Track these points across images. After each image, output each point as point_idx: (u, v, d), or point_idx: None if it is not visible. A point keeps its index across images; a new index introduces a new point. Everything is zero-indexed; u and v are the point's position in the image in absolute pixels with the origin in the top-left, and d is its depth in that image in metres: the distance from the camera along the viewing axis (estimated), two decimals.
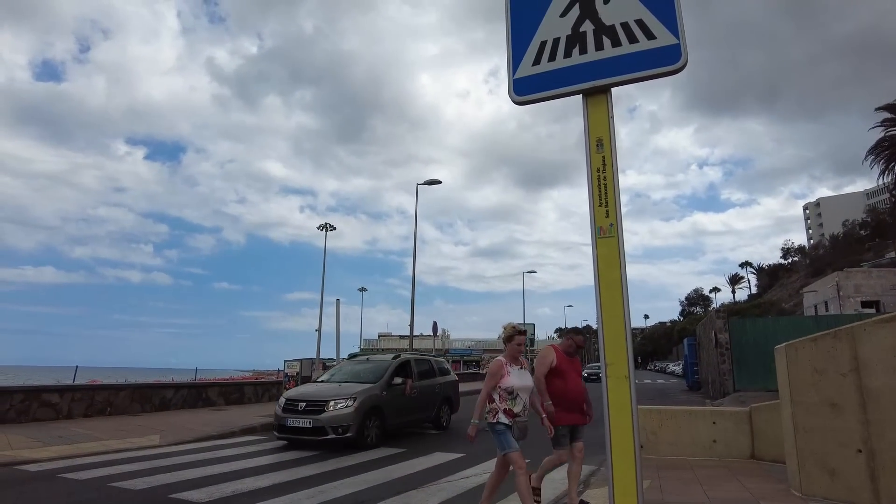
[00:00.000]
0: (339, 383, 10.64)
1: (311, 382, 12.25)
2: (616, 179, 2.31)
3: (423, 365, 12.30)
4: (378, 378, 10.58)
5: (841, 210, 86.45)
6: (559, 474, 7.44)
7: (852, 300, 35.48)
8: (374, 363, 11.56)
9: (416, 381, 11.35)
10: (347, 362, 11.94)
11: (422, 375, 11.78)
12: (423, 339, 49.90)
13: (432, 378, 12.22)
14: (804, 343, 6.03)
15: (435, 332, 26.53)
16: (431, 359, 13.23)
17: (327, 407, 9.50)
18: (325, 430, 9.29)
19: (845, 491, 5.35)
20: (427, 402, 11.69)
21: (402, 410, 10.77)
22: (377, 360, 11.71)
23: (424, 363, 12.43)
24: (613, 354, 2.15)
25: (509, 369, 4.83)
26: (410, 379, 11.13)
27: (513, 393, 4.74)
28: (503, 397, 4.75)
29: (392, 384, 10.61)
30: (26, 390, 12.05)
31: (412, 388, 11.05)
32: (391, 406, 10.37)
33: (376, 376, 10.68)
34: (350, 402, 9.55)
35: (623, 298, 2.18)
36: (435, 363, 12.97)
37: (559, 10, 2.60)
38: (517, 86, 2.62)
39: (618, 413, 2.12)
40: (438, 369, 12.80)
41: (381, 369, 10.93)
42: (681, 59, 2.35)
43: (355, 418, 9.42)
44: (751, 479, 6.83)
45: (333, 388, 10.24)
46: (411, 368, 11.50)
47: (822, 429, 5.65)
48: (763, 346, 16.55)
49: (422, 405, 11.52)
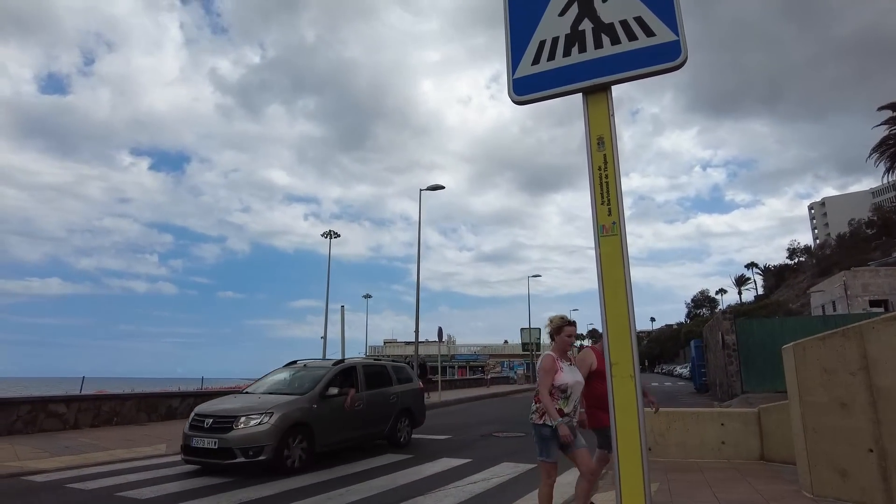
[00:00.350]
0: (260, 395, 9.08)
1: (238, 393, 10.50)
2: (618, 177, 2.30)
3: (375, 372, 10.72)
4: (309, 388, 9.00)
5: (846, 209, 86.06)
6: (567, 478, 7.39)
7: (860, 299, 35.24)
8: (310, 370, 9.86)
9: (363, 390, 9.85)
10: (281, 370, 10.28)
11: (373, 384, 10.25)
12: (428, 344, 49.86)
13: (387, 386, 10.65)
14: (812, 342, 5.97)
15: (440, 338, 26.46)
16: (388, 364, 11.48)
17: (237, 424, 7.89)
18: (233, 453, 7.68)
19: (857, 492, 5.28)
20: (378, 415, 10.12)
21: (340, 426, 9.15)
22: (315, 367, 10.02)
23: (377, 369, 10.85)
24: (618, 354, 2.13)
25: (562, 364, 4.46)
26: (354, 389, 9.57)
27: (567, 391, 4.39)
28: (555, 396, 4.39)
29: (327, 395, 8.99)
30: (33, 401, 12.08)
31: (355, 400, 9.47)
32: (324, 421, 8.76)
33: (307, 386, 9.10)
34: (265, 417, 7.96)
35: (627, 297, 2.16)
36: (393, 369, 11.25)
37: (558, 9, 2.59)
38: (517, 85, 2.60)
39: (623, 414, 2.09)
40: (397, 376, 11.13)
41: (315, 378, 9.29)
42: (680, 55, 2.33)
43: (272, 437, 7.82)
44: (761, 481, 6.76)
45: (251, 400, 8.70)
46: (357, 376, 9.93)
47: (833, 429, 5.58)
48: (770, 347, 16.43)
49: (370, 419, 9.90)
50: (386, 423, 10.31)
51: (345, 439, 9.33)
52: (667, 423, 8.70)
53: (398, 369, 11.44)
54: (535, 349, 55.40)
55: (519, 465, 8.37)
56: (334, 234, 43.69)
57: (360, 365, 10.32)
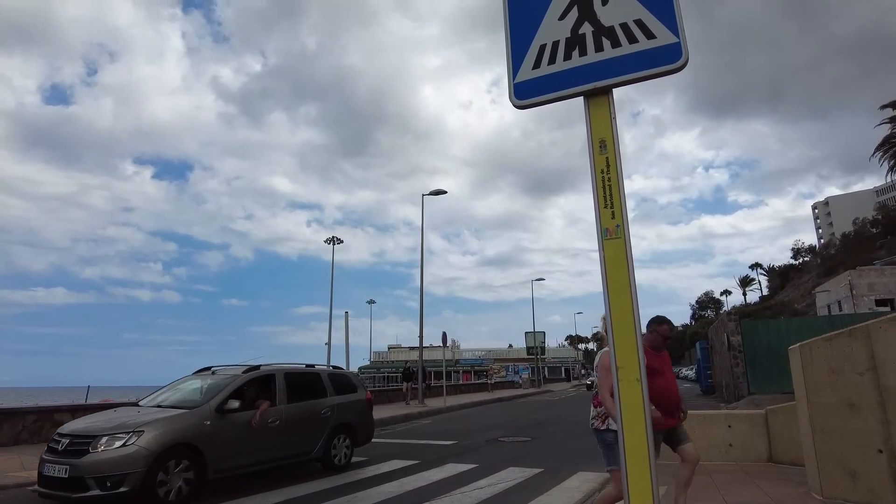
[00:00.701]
0: (141, 409, 7.57)
1: (127, 406, 8.92)
2: (621, 180, 2.29)
3: (303, 381, 9.00)
4: (202, 401, 7.37)
5: (850, 208, 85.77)
6: (575, 482, 7.36)
7: (866, 299, 35.06)
8: (219, 377, 8.15)
9: (283, 402, 8.21)
10: (188, 378, 8.65)
11: (298, 395, 8.59)
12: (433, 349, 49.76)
13: (318, 398, 8.95)
14: (819, 343, 5.94)
15: (445, 343, 26.43)
16: (324, 372, 9.63)
17: (95, 446, 6.31)
18: (85, 483, 6.11)
19: (867, 493, 5.24)
20: (304, 433, 8.43)
21: (246, 447, 7.49)
22: (223, 374, 8.31)
23: (306, 378, 9.12)
24: (624, 357, 2.11)
25: None
26: (269, 401, 7.96)
27: None
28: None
29: (226, 409, 7.30)
30: (39, 411, 12.10)
31: (268, 415, 7.83)
32: (221, 442, 7.13)
33: (199, 399, 7.52)
34: (132, 437, 6.37)
35: (632, 300, 2.15)
36: (328, 377, 9.45)
37: (557, 13, 2.58)
38: (518, 90, 2.60)
39: (630, 416, 2.07)
40: (334, 386, 9.38)
41: (215, 389, 7.69)
42: (681, 57, 2.32)
43: (138, 462, 6.24)
44: (769, 483, 6.71)
45: (126, 416, 7.12)
46: (275, 386, 8.28)
47: (841, 430, 5.54)
48: (776, 348, 16.35)
49: (292, 437, 8.18)
50: (315, 441, 8.57)
51: (253, 463, 7.62)
52: None
53: (338, 378, 9.75)
54: (541, 353, 55.28)
55: (525, 469, 8.34)
56: (337, 240, 43.69)
57: (282, 372, 8.58)
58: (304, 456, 8.44)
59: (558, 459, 9.36)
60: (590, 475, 7.74)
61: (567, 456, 9.67)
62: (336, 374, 9.92)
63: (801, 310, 51.66)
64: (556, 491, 6.92)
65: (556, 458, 9.47)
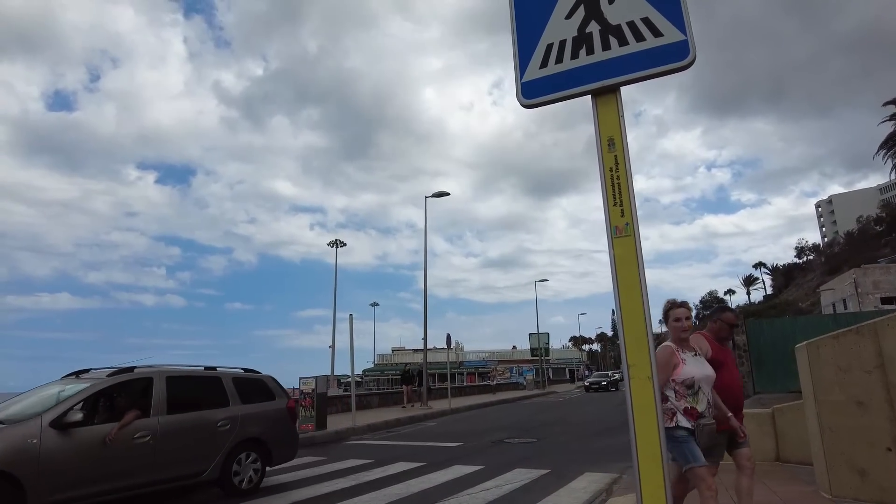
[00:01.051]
0: None
1: None
2: (630, 178, 2.29)
3: (193, 386, 7.51)
4: (33, 414, 5.90)
5: (854, 206, 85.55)
6: (582, 483, 7.34)
7: (871, 297, 34.97)
8: (77, 384, 6.56)
9: (163, 413, 6.69)
10: (50, 385, 6.97)
11: (185, 404, 7.08)
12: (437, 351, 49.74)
13: (215, 407, 7.34)
14: (826, 341, 5.92)
15: (448, 345, 26.41)
16: (226, 375, 7.84)
17: None
18: None
19: (877, 491, 5.21)
20: (190, 451, 6.87)
21: (99, 471, 5.97)
22: (87, 380, 6.71)
23: (197, 383, 7.58)
24: (635, 356, 2.11)
25: (683, 356, 3.85)
26: (136, 412, 6.42)
27: (693, 386, 3.76)
28: (681, 393, 3.75)
29: (67, 423, 5.82)
30: None
31: (128, 430, 6.28)
32: (58, 465, 5.64)
33: (30, 412, 6.05)
34: None
35: (643, 298, 2.15)
36: (232, 382, 7.76)
37: (564, 12, 2.60)
38: (525, 89, 2.61)
39: (643, 415, 2.07)
40: (238, 392, 7.72)
41: (56, 398, 6.24)
42: (689, 55, 2.33)
43: None
44: (777, 483, 6.69)
45: None
46: (152, 393, 6.74)
47: (850, 428, 5.52)
48: (782, 347, 16.31)
49: (172, 457, 6.65)
50: (207, 461, 6.98)
51: (109, 490, 6.04)
52: None
53: (247, 383, 8.08)
54: (545, 354, 55.21)
55: (532, 471, 8.33)
56: (340, 243, 43.86)
57: (163, 376, 6.97)
58: (190, 479, 6.86)
59: (565, 460, 9.34)
60: (596, 476, 7.73)
61: (573, 457, 9.65)
62: (245, 378, 8.19)
63: (805, 309, 51.49)
64: (562, 492, 6.91)
65: (562, 459, 9.45)
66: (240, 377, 8.12)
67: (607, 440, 11.68)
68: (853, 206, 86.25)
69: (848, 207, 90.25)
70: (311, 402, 14.57)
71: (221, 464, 7.13)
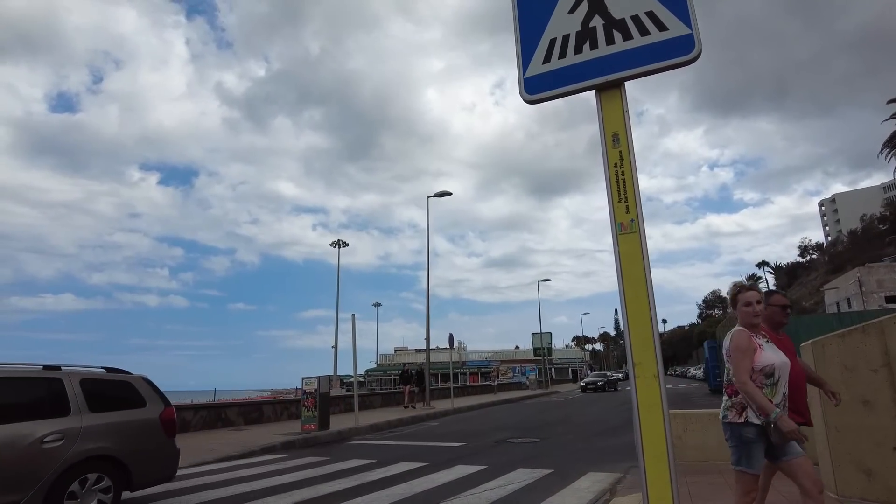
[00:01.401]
0: None
1: None
2: (634, 174, 2.26)
3: (15, 390, 5.79)
4: None
5: (857, 205, 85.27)
6: (585, 483, 7.31)
7: (875, 296, 34.83)
8: None
9: None
10: None
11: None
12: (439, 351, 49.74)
13: (43, 418, 5.69)
14: (831, 339, 5.88)
15: (451, 345, 26.39)
16: (71, 376, 6.20)
17: None
18: None
19: (884, 491, 5.17)
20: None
21: None
22: None
23: (22, 385, 5.87)
24: (641, 353, 2.09)
25: (760, 341, 3.44)
26: None
27: (773, 375, 3.36)
28: (758, 383, 3.35)
29: None
30: None
31: None
32: None
33: None
34: None
35: (648, 295, 2.12)
36: (79, 385, 6.16)
37: (567, 6, 2.57)
38: (528, 84, 2.58)
39: (648, 414, 2.04)
40: (86, 398, 6.12)
41: None
42: (694, 48, 2.30)
43: None
44: (783, 482, 6.63)
45: None
46: None
47: (856, 427, 5.48)
48: None
49: None
50: (22, 489, 5.32)
51: None
52: (684, 426, 8.59)
53: (102, 386, 6.48)
54: (548, 354, 55.13)
55: (535, 471, 8.29)
56: (343, 243, 43.89)
57: None
58: None
59: (568, 460, 9.31)
60: (600, 475, 7.69)
61: (577, 456, 9.61)
62: (100, 380, 6.53)
63: (809, 308, 51.35)
64: (566, 492, 6.88)
65: (565, 459, 9.41)
66: (92, 378, 6.45)
67: (610, 440, 11.64)
68: (857, 205, 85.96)
69: (851, 206, 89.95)
70: (314, 402, 14.56)
71: (46, 491, 5.47)
